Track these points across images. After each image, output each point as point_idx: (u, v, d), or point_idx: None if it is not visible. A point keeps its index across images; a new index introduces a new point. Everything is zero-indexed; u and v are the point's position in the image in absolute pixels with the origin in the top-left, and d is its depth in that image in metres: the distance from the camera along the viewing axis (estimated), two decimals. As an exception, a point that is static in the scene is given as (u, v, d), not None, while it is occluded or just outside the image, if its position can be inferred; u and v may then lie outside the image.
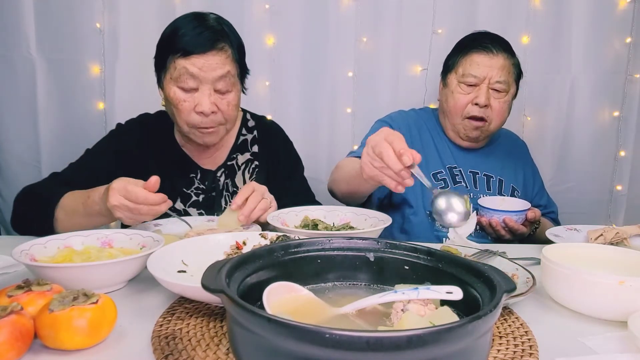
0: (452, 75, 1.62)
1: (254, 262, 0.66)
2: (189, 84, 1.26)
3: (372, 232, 1.12)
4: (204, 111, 1.27)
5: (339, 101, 2.25)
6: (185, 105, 1.28)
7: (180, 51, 1.25)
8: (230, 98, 1.32)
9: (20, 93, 2.09)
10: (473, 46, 1.59)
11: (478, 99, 1.56)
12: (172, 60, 1.27)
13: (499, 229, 1.43)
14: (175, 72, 1.26)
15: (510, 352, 0.68)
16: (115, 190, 1.05)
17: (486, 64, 1.56)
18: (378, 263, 0.73)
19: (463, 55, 1.60)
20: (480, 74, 1.56)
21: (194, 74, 1.25)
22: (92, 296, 0.67)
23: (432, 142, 1.69)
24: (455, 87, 1.60)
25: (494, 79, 1.56)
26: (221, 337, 0.69)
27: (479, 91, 1.56)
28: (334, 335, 0.42)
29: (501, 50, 1.57)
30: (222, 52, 1.28)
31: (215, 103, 1.29)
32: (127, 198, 1.04)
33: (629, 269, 0.89)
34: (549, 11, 2.24)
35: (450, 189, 1.61)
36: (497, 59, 1.56)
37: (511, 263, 0.94)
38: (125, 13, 2.07)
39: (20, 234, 1.30)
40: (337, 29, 2.20)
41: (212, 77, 1.26)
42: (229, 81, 1.30)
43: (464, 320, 0.46)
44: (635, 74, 2.29)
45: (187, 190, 1.42)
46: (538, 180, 1.82)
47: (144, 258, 0.85)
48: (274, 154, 1.52)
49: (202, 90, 1.27)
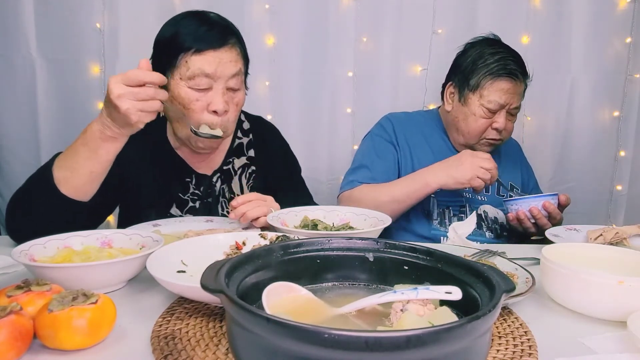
0: (475, 97, 1.58)
1: (254, 262, 0.66)
2: (203, 83, 1.21)
3: (372, 232, 1.12)
4: (218, 110, 1.22)
5: (339, 101, 2.25)
6: (198, 104, 1.22)
7: (192, 48, 1.20)
8: (239, 98, 1.29)
9: (20, 93, 2.10)
10: (501, 73, 1.54)
11: (498, 125, 1.56)
12: (183, 59, 1.20)
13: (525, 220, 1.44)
14: (189, 71, 1.20)
15: (510, 352, 0.68)
16: (114, 81, 0.99)
17: (511, 92, 1.55)
18: (377, 263, 0.73)
19: (490, 80, 1.55)
20: (505, 101, 1.55)
21: (209, 73, 1.20)
22: (91, 296, 0.67)
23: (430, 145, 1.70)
24: (477, 109, 1.57)
25: (513, 105, 1.57)
26: (220, 337, 0.69)
27: (498, 116, 1.57)
28: (333, 335, 0.42)
29: (522, 76, 1.57)
30: (234, 48, 1.25)
31: (227, 102, 1.25)
32: (128, 83, 0.99)
33: (628, 269, 0.89)
34: (549, 11, 2.24)
35: None
36: (520, 86, 1.57)
37: (510, 263, 0.94)
38: (125, 13, 2.07)
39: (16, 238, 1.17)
40: (337, 29, 2.20)
41: (227, 74, 1.22)
42: (239, 79, 1.27)
43: (463, 321, 0.46)
44: (635, 74, 2.29)
45: (183, 196, 1.39)
46: (532, 179, 1.83)
47: (143, 258, 0.85)
48: (270, 157, 1.49)
49: (215, 88, 1.22)
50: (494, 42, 1.63)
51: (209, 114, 1.24)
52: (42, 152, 2.12)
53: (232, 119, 1.30)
